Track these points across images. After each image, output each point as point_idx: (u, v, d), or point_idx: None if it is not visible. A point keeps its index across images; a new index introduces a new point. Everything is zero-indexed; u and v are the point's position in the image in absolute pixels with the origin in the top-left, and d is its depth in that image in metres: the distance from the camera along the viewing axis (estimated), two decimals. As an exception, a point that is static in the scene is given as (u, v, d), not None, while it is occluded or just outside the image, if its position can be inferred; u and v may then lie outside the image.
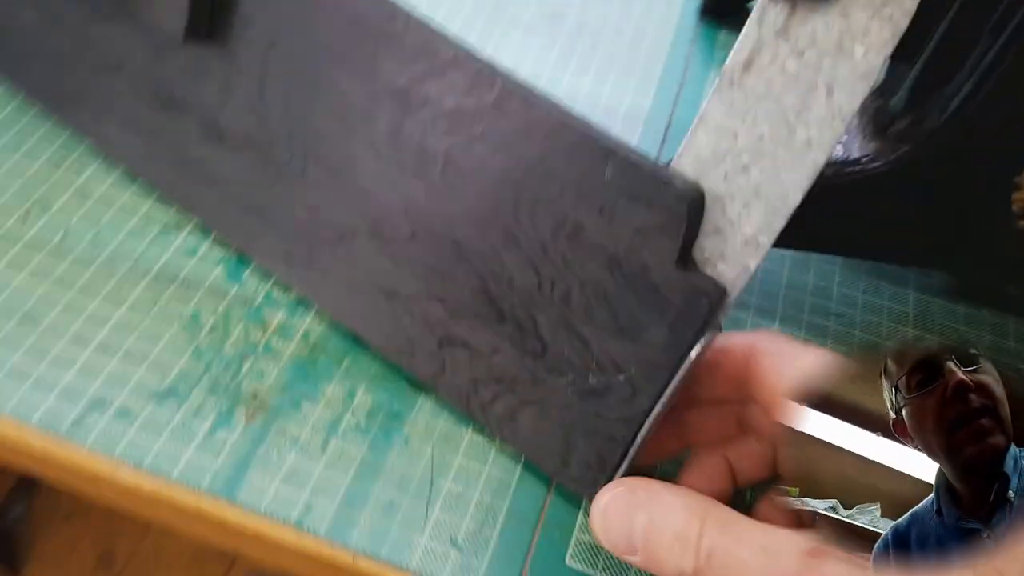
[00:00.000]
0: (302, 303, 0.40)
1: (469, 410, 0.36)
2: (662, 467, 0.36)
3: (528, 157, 0.32)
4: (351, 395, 0.37)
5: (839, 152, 0.37)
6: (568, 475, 0.34)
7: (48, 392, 0.36)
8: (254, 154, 0.38)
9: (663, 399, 0.30)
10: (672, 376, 0.30)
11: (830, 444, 0.30)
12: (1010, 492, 0.26)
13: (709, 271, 0.30)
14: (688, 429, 0.35)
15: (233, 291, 0.40)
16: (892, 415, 0.30)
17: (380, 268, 0.36)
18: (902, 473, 0.31)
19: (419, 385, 0.38)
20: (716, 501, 0.28)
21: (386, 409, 0.37)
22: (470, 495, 0.35)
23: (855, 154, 0.36)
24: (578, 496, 0.35)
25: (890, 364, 0.30)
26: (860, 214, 0.37)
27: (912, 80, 0.36)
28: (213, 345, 0.38)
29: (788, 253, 0.45)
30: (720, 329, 0.30)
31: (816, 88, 0.27)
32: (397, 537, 0.34)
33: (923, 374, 0.29)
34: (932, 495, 0.29)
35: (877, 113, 0.37)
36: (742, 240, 0.29)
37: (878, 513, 0.31)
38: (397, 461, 0.36)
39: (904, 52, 0.39)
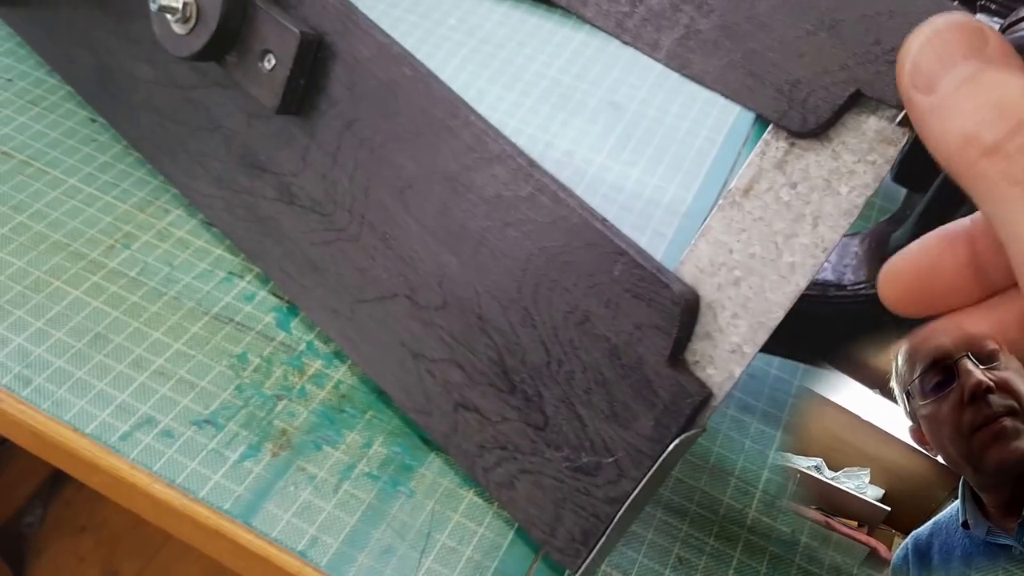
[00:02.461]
0: (339, 355, 0.44)
1: (473, 472, 0.39)
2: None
3: (551, 247, 0.35)
4: (368, 444, 0.41)
5: (828, 274, 0.39)
6: (555, 545, 0.37)
7: (105, 407, 0.40)
8: (317, 217, 0.43)
9: (640, 486, 0.33)
10: (654, 465, 0.33)
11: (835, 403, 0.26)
12: None
13: (699, 373, 0.32)
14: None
15: (280, 337, 0.44)
16: (908, 422, 0.26)
17: (411, 331, 0.40)
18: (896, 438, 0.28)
19: (432, 444, 0.41)
20: None
21: (398, 462, 0.40)
22: (462, 551, 0.38)
23: (847, 280, 0.38)
24: (562, 567, 0.37)
25: (900, 364, 0.27)
26: (847, 334, 0.39)
27: (918, 213, 0.39)
28: (254, 384, 0.42)
29: (802, 365, 0.48)
30: (704, 429, 0.33)
31: (804, 218, 0.30)
32: (390, 580, 0.37)
33: (938, 376, 0.26)
34: (957, 503, 0.26)
35: (882, 242, 0.39)
36: (729, 348, 0.32)
37: (866, 479, 0.29)
38: (400, 511, 0.39)
39: (921, 184, 0.41)
